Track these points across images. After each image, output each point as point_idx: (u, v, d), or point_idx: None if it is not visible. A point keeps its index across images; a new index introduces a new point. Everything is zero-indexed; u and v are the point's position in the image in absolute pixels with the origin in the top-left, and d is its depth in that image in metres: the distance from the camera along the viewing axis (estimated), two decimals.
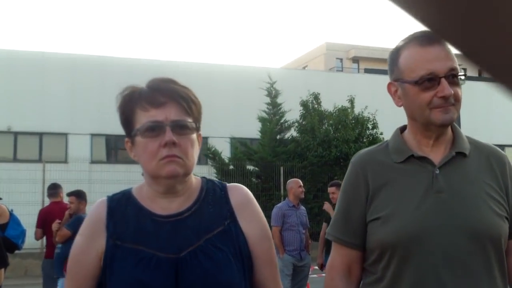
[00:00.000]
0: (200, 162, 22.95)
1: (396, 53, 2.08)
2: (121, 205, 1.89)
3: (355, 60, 45.03)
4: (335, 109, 20.24)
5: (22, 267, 13.96)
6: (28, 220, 8.94)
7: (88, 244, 1.84)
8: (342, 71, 40.16)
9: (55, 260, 7.76)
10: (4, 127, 21.73)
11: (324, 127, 19.74)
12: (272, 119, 20.05)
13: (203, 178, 1.98)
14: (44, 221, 8.46)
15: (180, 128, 1.79)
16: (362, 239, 2.09)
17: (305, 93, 20.54)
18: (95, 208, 1.91)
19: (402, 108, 2.14)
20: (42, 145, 22.47)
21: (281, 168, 17.47)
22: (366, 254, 2.11)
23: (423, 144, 2.08)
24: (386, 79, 2.15)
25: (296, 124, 20.20)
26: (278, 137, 19.85)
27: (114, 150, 24.24)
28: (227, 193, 1.93)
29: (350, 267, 2.14)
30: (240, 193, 1.94)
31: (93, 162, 22.02)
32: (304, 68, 42.48)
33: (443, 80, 1.94)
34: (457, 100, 1.97)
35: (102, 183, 15.87)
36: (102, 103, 22.52)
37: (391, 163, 2.10)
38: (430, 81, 1.95)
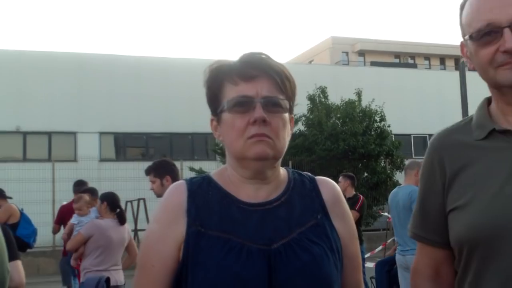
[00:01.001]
0: (208, 157, 23.05)
1: (461, 6, 1.75)
2: (203, 189, 1.70)
3: (361, 53, 44.93)
4: (342, 102, 20.25)
5: (34, 266, 14.06)
6: (39, 219, 9.04)
7: (166, 232, 1.65)
8: (348, 64, 40.11)
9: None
10: (13, 128, 21.85)
11: (331, 121, 19.75)
12: None
13: (287, 168, 1.82)
14: (63, 218, 8.49)
15: (272, 105, 1.63)
16: (445, 235, 1.75)
17: (311, 87, 20.54)
18: (172, 192, 1.72)
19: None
20: (51, 144, 22.59)
21: (290, 162, 17.48)
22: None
23: (508, 113, 1.70)
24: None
25: (304, 118, 20.21)
26: None
27: (122, 147, 24.36)
28: (317, 186, 1.77)
29: (437, 269, 1.82)
30: (332, 188, 1.79)
31: (102, 160, 22.12)
32: (310, 62, 42.42)
33: (506, 31, 1.59)
34: None
35: (111, 181, 15.93)
36: (109, 101, 22.63)
37: (472, 141, 1.72)
38: (489, 34, 1.62)
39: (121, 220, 6.26)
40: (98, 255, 6.02)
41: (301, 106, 20.58)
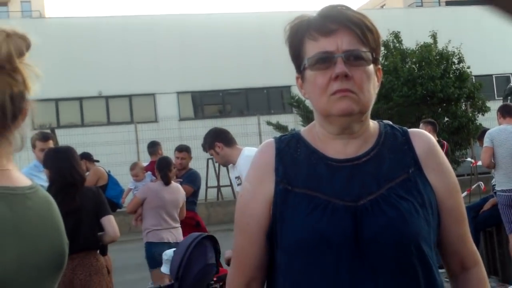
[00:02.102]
0: (285, 111, 23.12)
1: None
2: (291, 147, 1.71)
3: None
4: (418, 46, 19.74)
5: (125, 224, 14.63)
6: (126, 180, 9.36)
7: (256, 191, 1.69)
8: (422, 6, 38.81)
9: None
10: (96, 93, 22.58)
11: (407, 66, 19.33)
12: None
13: (379, 121, 1.78)
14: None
15: (353, 58, 1.59)
16: None
17: (385, 33, 20.08)
18: (262, 150, 1.75)
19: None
20: (132, 106, 23.25)
21: None
22: None
23: None
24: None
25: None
26: None
27: (200, 106, 24.76)
28: (410, 139, 1.71)
29: None
30: (425, 141, 1.72)
31: (181, 119, 22.59)
32: (382, 7, 41.37)
33: None
34: None
35: (192, 139, 16.27)
36: (185, 61, 22.96)
37: None
38: None
39: (165, 181, 6.67)
40: (154, 215, 6.49)
41: None
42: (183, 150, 7.99)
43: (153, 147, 9.35)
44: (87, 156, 9.00)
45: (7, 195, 1.37)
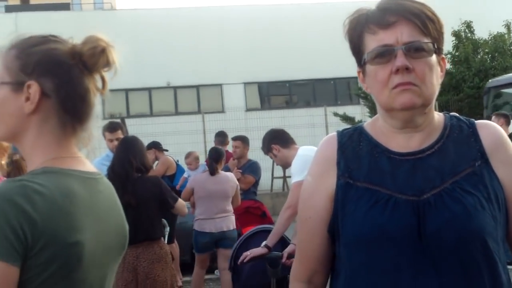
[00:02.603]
0: (352, 102, 22.93)
1: None
2: (353, 141, 1.70)
3: None
4: (490, 36, 19.17)
5: None
6: None
7: (318, 185, 1.69)
8: None
9: None
10: (164, 83, 22.97)
11: (479, 56, 18.83)
12: None
13: (445, 113, 1.73)
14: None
15: (414, 50, 1.55)
16: None
17: (456, 22, 19.60)
18: (324, 144, 1.75)
19: None
20: (200, 97, 23.54)
21: (436, 103, 16.99)
22: None
23: None
24: None
25: (449, 56, 19.42)
26: None
27: (267, 96, 24.83)
28: (477, 131, 1.66)
29: None
30: (493, 132, 1.66)
31: (248, 110, 22.71)
32: None
33: None
34: None
35: (258, 130, 16.36)
36: (252, 52, 23.05)
37: None
38: None
39: (210, 171, 6.94)
40: (200, 205, 6.73)
41: (446, 43, 19.64)
42: (237, 139, 8.11)
43: (221, 136, 9.45)
44: (156, 146, 9.18)
45: (85, 179, 1.50)
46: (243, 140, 8.13)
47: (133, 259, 4.75)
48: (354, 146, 1.69)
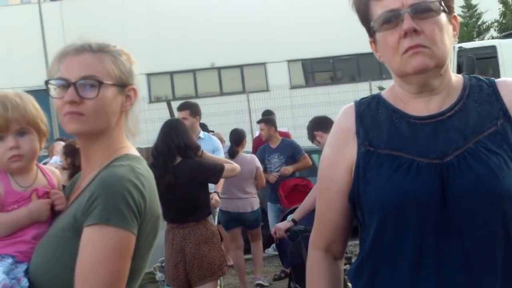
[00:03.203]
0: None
1: None
2: (371, 109, 1.68)
3: None
4: None
5: None
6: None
7: (337, 156, 1.68)
8: None
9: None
10: (208, 64, 23.08)
11: None
12: (469, 22, 18.97)
13: (464, 75, 1.70)
14: (257, 148, 8.77)
15: (421, 11, 1.52)
16: None
17: None
18: (342, 115, 1.73)
19: None
20: (244, 76, 23.57)
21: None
22: None
23: None
24: None
25: (496, 24, 18.92)
26: (476, 40, 18.80)
27: (311, 73, 24.71)
28: (497, 90, 1.62)
29: None
30: None
31: (292, 87, 22.66)
32: None
33: None
34: None
35: (303, 107, 16.34)
36: (295, 29, 22.92)
37: None
38: None
39: (230, 154, 7.14)
40: (224, 186, 6.76)
41: (492, 12, 19.26)
42: (260, 121, 8.19)
43: (267, 115, 9.44)
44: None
45: (143, 161, 1.75)
46: (266, 122, 8.14)
47: (181, 240, 4.84)
48: (372, 114, 1.67)
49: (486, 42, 13.97)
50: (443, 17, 1.54)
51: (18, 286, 1.60)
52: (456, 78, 1.65)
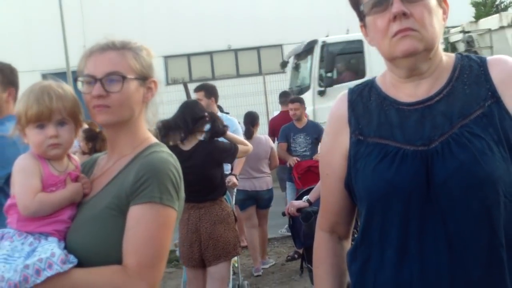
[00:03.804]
0: None
1: None
2: (363, 97, 1.70)
3: None
4: None
5: None
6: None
7: (333, 143, 1.73)
8: None
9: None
10: (225, 46, 23.06)
11: None
12: (487, 2, 18.75)
13: (457, 54, 1.68)
14: (274, 130, 8.93)
15: None
16: None
17: None
18: (336, 103, 1.77)
19: None
20: (260, 58, 23.52)
21: None
22: None
23: None
24: None
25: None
26: None
27: None
28: (487, 69, 1.59)
29: None
30: (504, 67, 1.58)
31: None
32: None
33: None
34: None
35: None
36: (311, 10, 22.78)
37: None
38: None
39: (247, 136, 7.35)
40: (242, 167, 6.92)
41: None
42: (295, 101, 8.17)
43: (284, 97, 9.47)
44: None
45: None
46: (300, 101, 8.18)
47: (196, 220, 4.90)
48: (364, 102, 1.69)
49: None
50: (432, 0, 1.55)
51: (68, 261, 1.73)
52: (447, 59, 1.65)
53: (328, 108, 1.87)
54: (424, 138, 1.55)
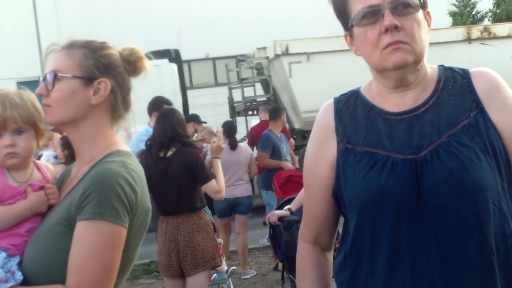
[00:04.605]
0: None
1: None
2: (349, 106, 1.71)
3: None
4: None
5: None
6: None
7: (319, 152, 1.72)
8: None
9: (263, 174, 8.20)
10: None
11: None
12: (464, 12, 18.97)
13: (440, 66, 1.71)
14: (254, 139, 8.94)
15: (401, 7, 1.54)
16: None
17: None
18: (321, 112, 1.76)
19: None
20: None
21: None
22: None
23: None
24: None
25: (490, 14, 18.93)
26: None
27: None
28: (471, 81, 1.63)
29: None
30: (487, 79, 1.63)
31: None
32: None
33: None
34: None
35: None
36: (292, 19, 22.79)
37: None
38: None
39: (232, 145, 7.58)
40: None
41: (487, 1, 19.23)
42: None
43: (276, 111, 9.42)
44: (195, 118, 9.25)
45: (134, 157, 1.83)
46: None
47: (174, 229, 4.83)
48: (351, 111, 1.70)
49: None
50: (420, 13, 1.58)
51: (12, 279, 1.64)
52: (431, 70, 1.68)
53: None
54: (413, 147, 1.57)
